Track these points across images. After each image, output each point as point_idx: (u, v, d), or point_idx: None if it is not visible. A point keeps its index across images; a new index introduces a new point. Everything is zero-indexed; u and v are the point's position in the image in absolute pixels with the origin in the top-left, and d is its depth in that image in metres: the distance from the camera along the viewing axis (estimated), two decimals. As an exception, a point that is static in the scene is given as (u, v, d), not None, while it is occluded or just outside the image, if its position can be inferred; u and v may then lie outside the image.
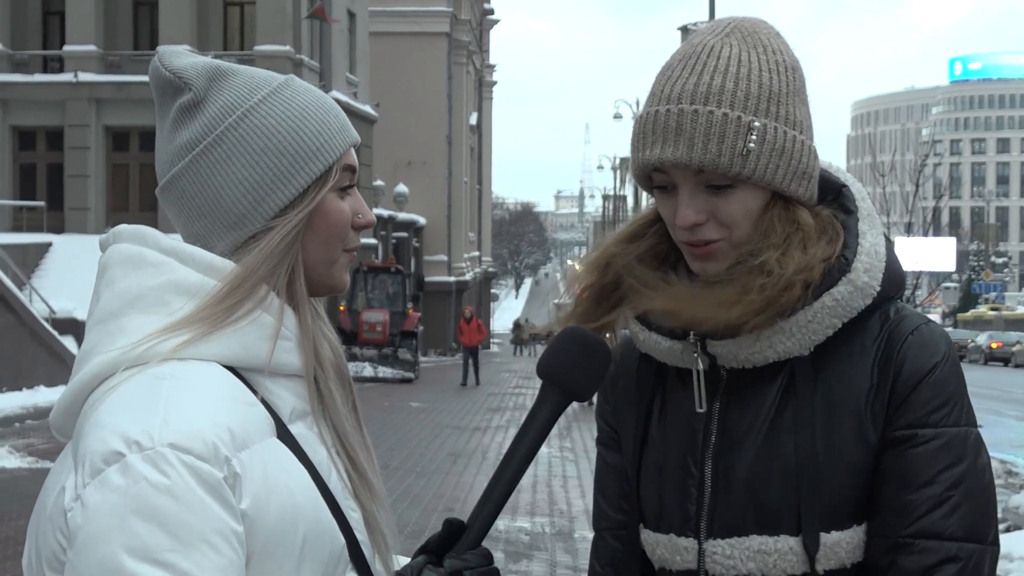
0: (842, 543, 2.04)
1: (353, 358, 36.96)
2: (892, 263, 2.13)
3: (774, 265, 2.04)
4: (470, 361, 38.20)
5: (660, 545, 2.20)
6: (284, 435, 1.82)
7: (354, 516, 1.91)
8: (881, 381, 2.06)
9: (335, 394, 1.96)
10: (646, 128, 2.09)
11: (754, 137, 2.03)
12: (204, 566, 1.64)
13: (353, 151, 1.98)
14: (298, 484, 1.79)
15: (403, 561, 2.05)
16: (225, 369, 1.80)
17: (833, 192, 2.18)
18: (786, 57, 2.11)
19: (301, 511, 1.78)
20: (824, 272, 2.06)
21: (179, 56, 1.94)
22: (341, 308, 38.44)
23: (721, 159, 2.03)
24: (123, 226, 1.93)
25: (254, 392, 1.82)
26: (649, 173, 2.12)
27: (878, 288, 2.08)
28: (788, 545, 2.05)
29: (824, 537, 2.04)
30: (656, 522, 2.21)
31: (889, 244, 2.16)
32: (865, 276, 2.06)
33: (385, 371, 37.80)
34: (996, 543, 2.04)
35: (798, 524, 2.04)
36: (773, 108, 2.06)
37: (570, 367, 1.98)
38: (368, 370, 37.36)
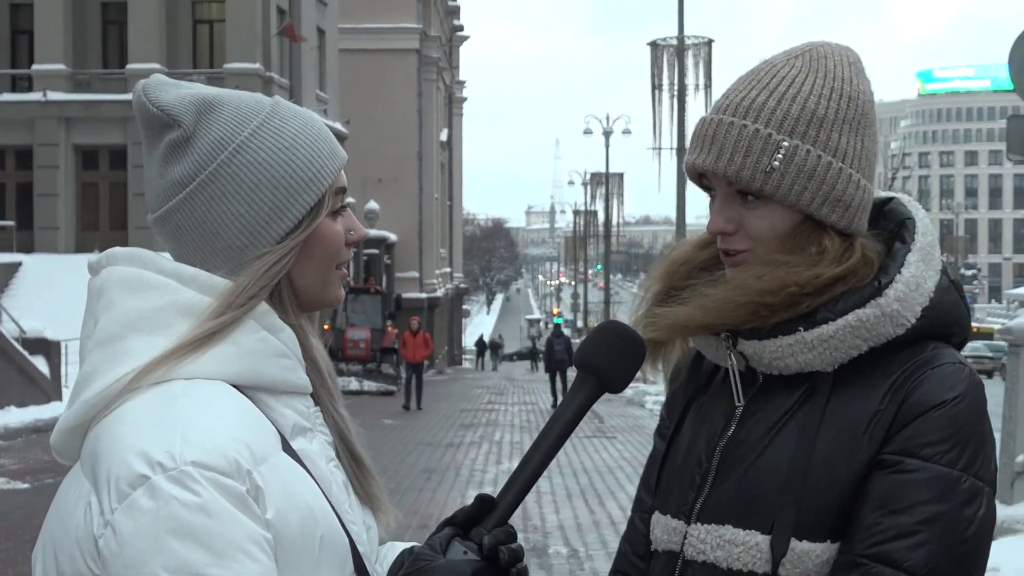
0: (812, 554, 2.04)
1: (340, 373, 39.00)
2: (944, 303, 2.13)
3: (742, 281, 2.12)
4: (413, 380, 33.45)
5: (658, 525, 2.27)
6: (287, 450, 1.85)
7: (354, 528, 1.94)
8: (889, 406, 2.06)
9: (334, 394, 2.03)
10: (694, 134, 2.18)
11: (780, 156, 2.08)
12: (244, 575, 1.67)
13: (343, 171, 2.00)
14: (312, 495, 1.83)
15: (399, 547, 2.12)
16: (231, 387, 1.82)
17: (896, 224, 2.19)
18: (847, 86, 2.14)
19: (317, 520, 1.81)
20: (839, 295, 2.09)
21: (165, 89, 1.93)
22: (325, 327, 40.20)
23: (743, 172, 2.09)
24: (117, 248, 1.93)
25: (258, 409, 1.84)
26: (697, 178, 2.21)
27: (912, 321, 2.09)
28: (755, 541, 2.08)
29: (795, 544, 2.05)
30: (663, 504, 2.28)
31: (947, 283, 2.16)
32: (896, 304, 2.07)
33: (370, 384, 39.75)
34: None
35: (772, 526, 2.07)
36: (812, 132, 2.10)
37: (609, 358, 2.02)
38: (354, 384, 39.13)
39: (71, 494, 1.80)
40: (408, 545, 2.07)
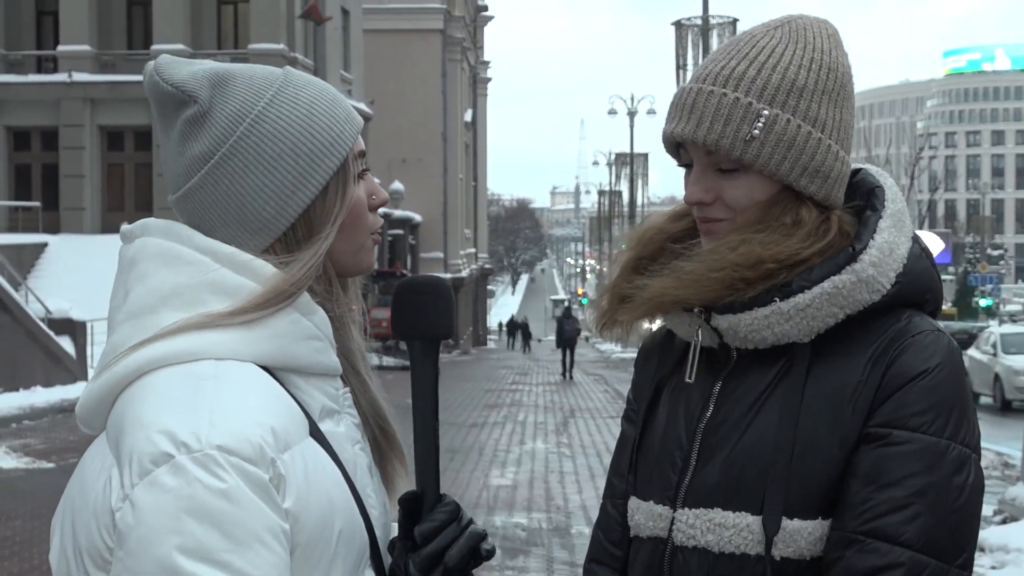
0: (803, 532, 2.02)
1: None
2: (916, 269, 2.12)
3: (717, 254, 2.10)
4: None
5: (639, 511, 2.24)
6: (315, 433, 1.84)
7: (375, 513, 1.94)
8: (871, 377, 2.03)
9: (362, 374, 2.06)
10: (673, 103, 2.16)
11: (760, 124, 2.06)
12: (258, 564, 1.66)
13: (360, 136, 1.99)
14: (334, 482, 1.82)
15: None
16: (261, 369, 1.81)
17: (865, 193, 2.17)
18: (826, 57, 2.13)
19: (337, 509, 1.81)
20: (810, 265, 2.07)
21: (177, 67, 1.91)
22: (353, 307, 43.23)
23: (723, 140, 2.07)
24: (152, 220, 1.92)
25: (288, 392, 1.84)
26: (674, 149, 2.18)
27: (888, 286, 2.07)
28: (746, 522, 2.05)
29: (786, 522, 2.03)
30: (643, 490, 2.25)
31: (919, 251, 2.15)
32: (871, 269, 2.05)
33: (389, 360, 41.40)
34: (966, 567, 1.97)
35: (762, 505, 2.05)
36: (792, 101, 2.08)
37: (420, 316, 2.04)
38: (375, 359, 40.30)
39: (94, 465, 1.79)
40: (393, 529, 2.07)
